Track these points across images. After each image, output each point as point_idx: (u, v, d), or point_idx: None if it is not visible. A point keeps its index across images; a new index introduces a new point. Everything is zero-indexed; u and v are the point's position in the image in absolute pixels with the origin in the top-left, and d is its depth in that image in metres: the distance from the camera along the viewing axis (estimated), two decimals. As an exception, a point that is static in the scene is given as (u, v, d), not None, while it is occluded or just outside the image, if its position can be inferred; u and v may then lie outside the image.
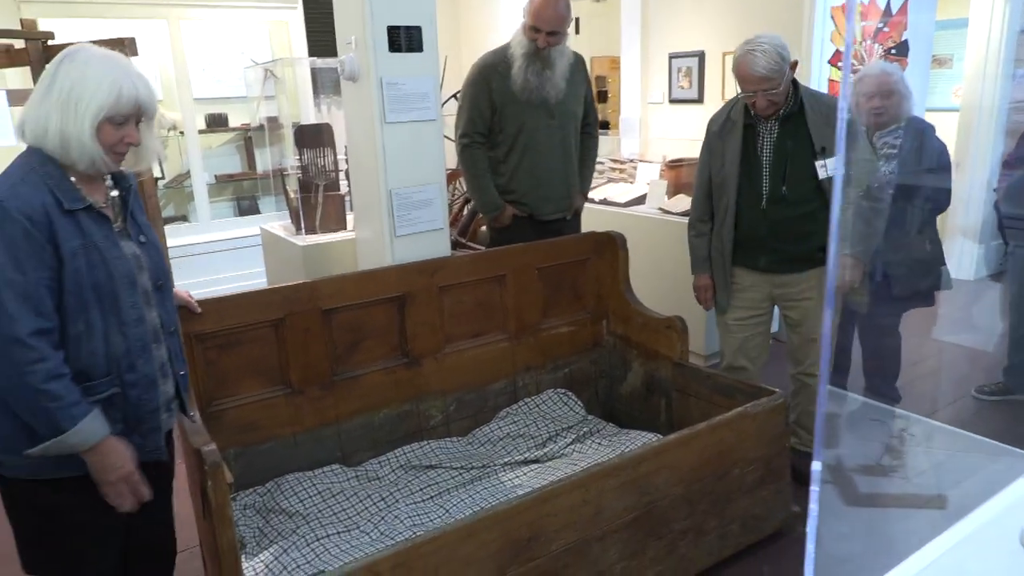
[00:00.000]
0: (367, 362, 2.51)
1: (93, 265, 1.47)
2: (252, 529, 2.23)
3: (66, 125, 1.44)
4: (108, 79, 1.46)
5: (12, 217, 1.38)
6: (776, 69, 2.28)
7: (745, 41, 2.34)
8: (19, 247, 1.38)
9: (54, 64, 1.49)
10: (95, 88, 1.45)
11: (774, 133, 2.44)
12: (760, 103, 2.35)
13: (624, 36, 5.05)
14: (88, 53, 1.49)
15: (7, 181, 1.45)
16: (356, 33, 2.45)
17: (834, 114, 2.35)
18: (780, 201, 2.44)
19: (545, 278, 2.84)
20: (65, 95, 1.45)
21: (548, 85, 2.87)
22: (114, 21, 4.96)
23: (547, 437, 2.71)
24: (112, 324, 1.51)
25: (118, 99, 1.46)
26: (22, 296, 1.38)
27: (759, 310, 2.62)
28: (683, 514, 2.12)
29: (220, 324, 2.23)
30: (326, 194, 3.20)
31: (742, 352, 2.66)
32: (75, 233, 1.45)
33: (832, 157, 2.37)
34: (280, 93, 4.36)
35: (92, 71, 1.46)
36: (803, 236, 2.45)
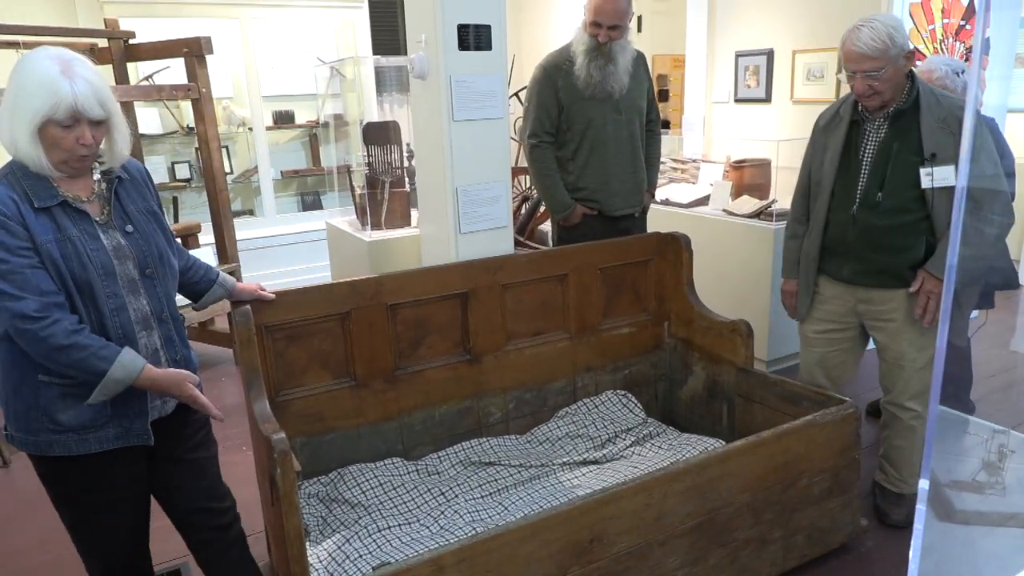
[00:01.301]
0: (429, 357, 2.53)
1: (67, 257, 1.54)
2: (316, 518, 2.28)
3: (11, 128, 1.50)
4: (45, 84, 1.47)
5: None
6: (880, 48, 2.08)
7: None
8: (2, 240, 1.47)
9: (15, 64, 1.54)
10: (32, 94, 1.48)
11: (881, 132, 2.24)
12: (859, 87, 2.16)
13: (689, 33, 4.97)
14: (36, 58, 1.51)
15: None
16: (426, 32, 2.48)
17: (955, 120, 2.14)
18: (874, 207, 2.25)
19: (607, 278, 2.82)
20: (11, 100, 1.50)
21: (611, 79, 2.87)
22: (190, 20, 5.14)
23: (606, 438, 2.69)
24: (92, 313, 1.58)
25: (54, 105, 1.47)
26: (19, 280, 1.48)
27: (841, 325, 2.46)
28: (747, 523, 2.07)
29: (288, 316, 2.28)
30: (392, 190, 3.25)
31: (820, 367, 2.53)
32: (48, 228, 1.53)
33: (943, 166, 2.14)
34: (348, 91, 4.44)
35: (32, 76, 1.48)
36: (894, 249, 2.26)
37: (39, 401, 1.59)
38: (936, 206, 2.18)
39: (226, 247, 4.02)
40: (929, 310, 2.24)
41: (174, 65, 5.12)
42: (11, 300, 1.47)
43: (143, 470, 1.75)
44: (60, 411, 1.59)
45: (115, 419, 1.63)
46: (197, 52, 3.69)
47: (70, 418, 1.59)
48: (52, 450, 1.61)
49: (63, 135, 1.51)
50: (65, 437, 1.60)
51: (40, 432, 1.60)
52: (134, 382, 1.58)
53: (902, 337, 2.33)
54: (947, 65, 2.74)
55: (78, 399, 1.58)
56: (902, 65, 2.14)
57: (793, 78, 4.32)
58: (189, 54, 3.73)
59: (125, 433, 1.65)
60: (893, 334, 2.35)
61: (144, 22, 4.77)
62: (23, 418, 1.61)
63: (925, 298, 2.24)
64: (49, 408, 1.59)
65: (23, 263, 1.48)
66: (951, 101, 2.20)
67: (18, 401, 1.60)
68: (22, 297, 1.47)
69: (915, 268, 2.25)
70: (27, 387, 1.59)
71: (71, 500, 1.70)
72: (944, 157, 2.14)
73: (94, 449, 1.62)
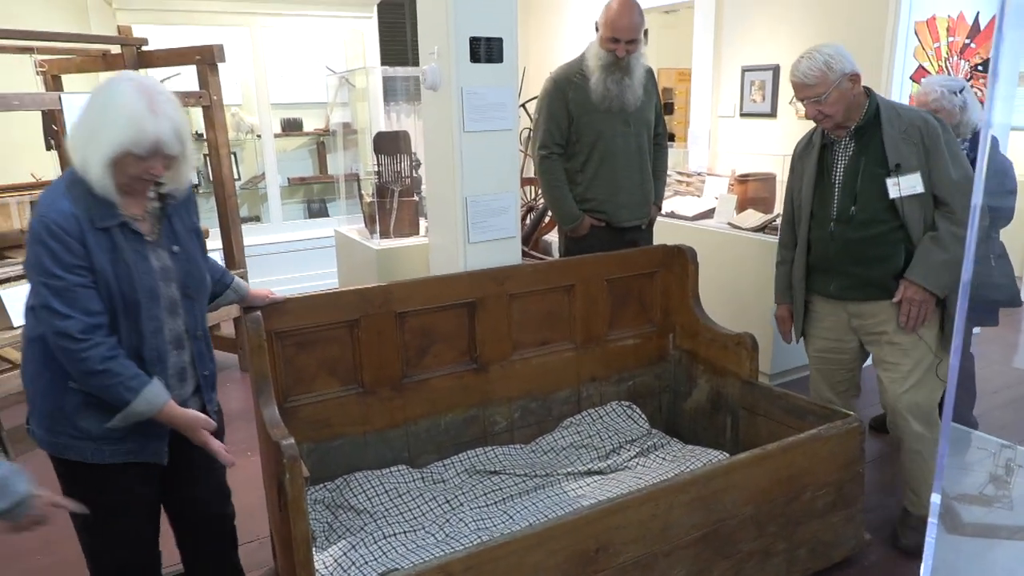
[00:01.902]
0: (436, 366, 2.55)
1: (120, 278, 1.58)
2: (322, 524, 2.29)
3: (87, 154, 1.52)
4: (131, 120, 1.49)
5: (51, 230, 1.50)
6: (817, 76, 2.19)
7: None
8: (59, 255, 1.50)
9: (98, 86, 1.57)
10: (113, 124, 1.50)
11: (849, 151, 2.33)
12: (809, 112, 2.29)
13: (696, 48, 5.01)
14: (123, 89, 1.53)
15: (51, 195, 1.56)
16: (439, 43, 2.51)
17: (915, 130, 2.23)
18: (849, 221, 2.31)
19: (613, 289, 2.84)
20: (92, 127, 1.52)
21: (628, 93, 2.92)
22: (201, 28, 5.19)
23: (610, 449, 2.70)
24: (134, 332, 1.62)
25: (136, 138, 1.50)
26: (69, 298, 1.51)
27: (840, 341, 2.47)
28: (751, 535, 2.08)
29: (298, 323, 2.30)
30: (401, 199, 3.28)
31: (828, 386, 2.54)
32: (106, 248, 1.56)
33: (908, 175, 2.22)
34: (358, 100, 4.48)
35: (118, 108, 1.50)
36: (873, 260, 2.31)
37: (64, 405, 1.62)
38: (908, 214, 2.24)
39: (234, 253, 4.04)
40: (911, 317, 2.27)
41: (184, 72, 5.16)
42: (58, 318, 1.50)
43: (155, 482, 1.78)
44: (82, 418, 1.62)
45: (133, 434, 1.66)
46: (209, 60, 3.73)
47: (91, 425, 1.62)
48: (68, 454, 1.64)
49: (135, 164, 1.54)
50: (82, 443, 1.63)
51: (60, 434, 1.63)
52: (154, 415, 1.62)
53: (895, 348, 2.35)
54: (942, 85, 2.77)
55: (100, 409, 1.61)
56: (847, 88, 2.23)
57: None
58: (201, 62, 3.77)
59: (140, 449, 1.69)
60: (886, 346, 2.36)
61: (155, 29, 4.80)
62: (47, 418, 1.64)
63: (907, 306, 2.27)
64: (72, 413, 1.62)
65: (75, 281, 1.51)
66: (912, 113, 2.30)
67: (44, 401, 1.64)
68: (69, 316, 1.50)
69: (899, 278, 2.29)
70: (55, 390, 1.62)
71: (83, 503, 1.72)
72: (908, 166, 2.22)
73: (107, 460, 1.65)
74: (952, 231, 2.21)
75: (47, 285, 1.50)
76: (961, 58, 4.18)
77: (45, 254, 1.50)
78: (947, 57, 4.11)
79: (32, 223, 1.53)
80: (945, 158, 2.21)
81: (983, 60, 4.26)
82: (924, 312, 2.26)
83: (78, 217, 1.53)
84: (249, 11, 5.28)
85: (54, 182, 1.61)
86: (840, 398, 2.53)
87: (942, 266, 2.22)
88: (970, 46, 4.20)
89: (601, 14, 2.89)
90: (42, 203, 1.55)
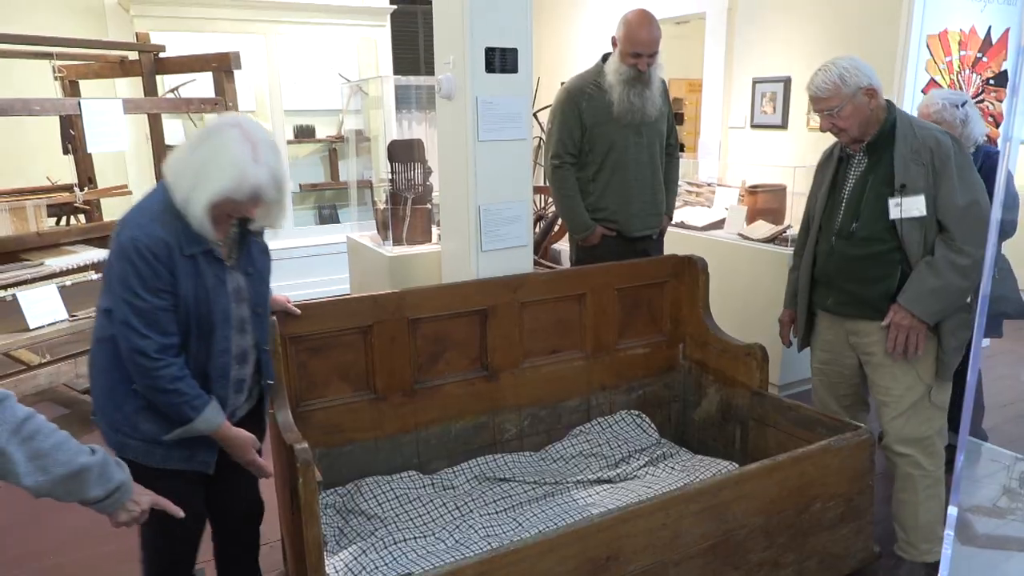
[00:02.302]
0: (447, 372, 2.57)
1: (199, 302, 1.66)
2: (333, 528, 2.31)
3: (191, 192, 1.59)
4: (236, 168, 1.57)
5: (142, 253, 1.57)
6: (830, 89, 2.17)
7: None
8: (146, 278, 1.58)
9: (207, 128, 1.64)
10: (221, 171, 1.57)
11: (861, 165, 2.29)
12: (824, 125, 2.27)
13: (707, 59, 5.04)
14: (233, 133, 1.60)
15: (142, 217, 1.62)
16: (455, 53, 2.54)
17: (927, 150, 2.16)
18: (849, 237, 2.28)
19: (624, 298, 2.85)
20: (199, 164, 1.59)
21: (649, 104, 2.96)
22: (217, 35, 5.25)
23: (620, 458, 2.71)
24: (203, 351, 1.70)
25: (238, 187, 1.58)
26: (150, 319, 1.59)
27: (839, 355, 2.44)
28: (761, 545, 2.09)
29: (312, 328, 2.32)
30: (414, 207, 3.30)
31: (832, 397, 2.51)
32: (190, 273, 1.64)
33: (912, 196, 2.14)
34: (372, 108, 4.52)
35: (227, 152, 1.58)
36: (867, 279, 2.27)
37: (125, 405, 1.69)
38: (906, 236, 2.18)
39: (246, 258, 4.07)
40: (899, 343, 2.21)
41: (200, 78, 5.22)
42: (136, 335, 1.58)
43: (202, 487, 1.86)
44: (142, 420, 1.69)
45: (185, 442, 1.73)
46: (226, 67, 3.78)
47: (148, 428, 1.70)
48: (125, 451, 1.71)
49: (232, 207, 1.63)
50: (137, 444, 1.71)
51: (119, 432, 1.71)
52: (210, 434, 1.72)
53: (885, 371, 2.29)
54: (944, 98, 2.77)
55: (159, 414, 1.69)
56: (863, 102, 2.19)
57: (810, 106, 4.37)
58: (218, 69, 3.81)
59: (189, 458, 1.76)
60: (876, 368, 2.32)
61: (173, 36, 4.87)
62: (110, 414, 1.72)
63: (895, 331, 2.21)
64: (133, 414, 1.69)
65: (157, 304, 1.59)
66: (926, 133, 2.21)
67: (109, 400, 1.71)
68: (147, 336, 1.59)
69: (893, 300, 2.22)
70: (119, 391, 1.70)
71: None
72: (913, 188, 2.16)
73: (156, 463, 1.72)
74: (949, 258, 2.14)
75: (129, 304, 1.58)
76: (973, 71, 4.19)
77: (132, 273, 1.57)
78: (959, 71, 4.11)
79: (122, 239, 1.59)
80: (952, 182, 2.14)
81: (995, 74, 4.27)
82: (913, 339, 2.19)
83: (169, 244, 1.60)
84: (265, 19, 5.34)
85: (144, 202, 1.67)
86: (847, 412, 2.49)
87: (931, 293, 2.15)
88: (982, 60, 4.21)
89: (620, 29, 2.91)
90: (132, 222, 1.62)
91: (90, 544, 2.64)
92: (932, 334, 2.23)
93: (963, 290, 2.16)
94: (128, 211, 1.69)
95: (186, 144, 1.66)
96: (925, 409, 2.28)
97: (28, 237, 3.59)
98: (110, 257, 1.63)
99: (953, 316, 2.21)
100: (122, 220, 1.66)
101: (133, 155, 5.24)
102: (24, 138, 5.03)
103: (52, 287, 3.23)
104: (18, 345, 3.13)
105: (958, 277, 2.13)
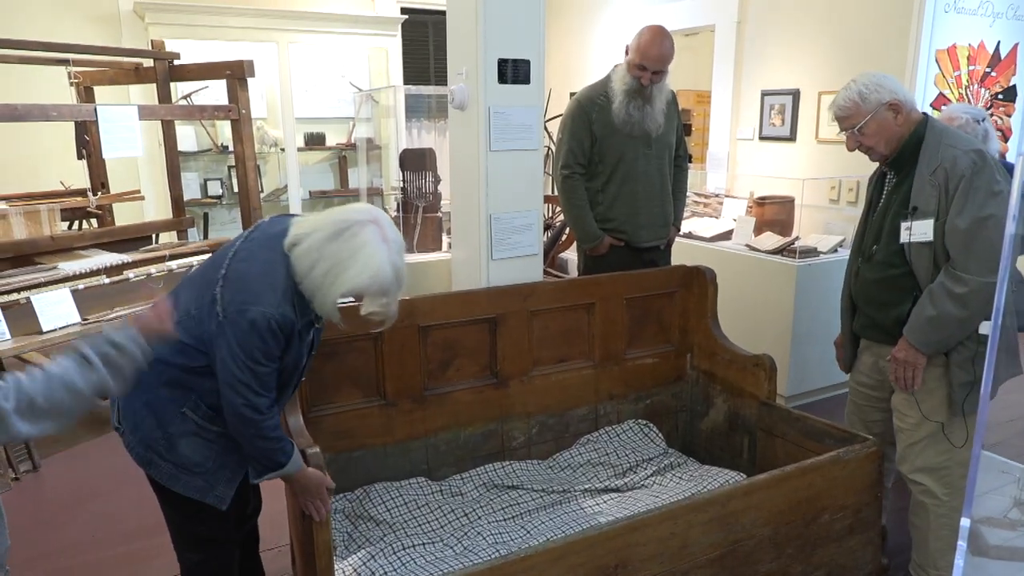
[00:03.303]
0: (457, 380, 2.58)
1: (296, 362, 1.79)
2: (342, 533, 2.32)
3: (325, 283, 1.65)
4: (373, 268, 1.63)
5: (273, 332, 1.65)
6: (849, 107, 2.14)
7: None
8: (272, 351, 1.67)
9: (346, 219, 1.67)
10: (359, 271, 1.63)
11: (891, 184, 2.23)
12: (849, 144, 2.22)
13: (716, 71, 5.06)
14: (372, 231, 1.65)
15: (273, 296, 1.65)
16: (467, 64, 2.57)
17: (942, 171, 2.04)
18: (869, 260, 2.25)
19: (632, 308, 2.86)
20: (338, 258, 1.64)
21: (648, 120, 2.97)
22: (231, 43, 5.30)
23: (627, 467, 2.72)
24: (280, 400, 1.80)
25: (371, 285, 1.65)
26: (266, 382, 1.70)
27: (871, 379, 2.37)
28: (769, 556, 2.09)
29: (324, 334, 2.33)
30: (424, 215, 3.33)
31: (861, 422, 2.46)
32: (297, 342, 1.74)
33: (923, 220, 2.07)
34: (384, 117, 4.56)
35: (366, 251, 1.63)
36: (879, 303, 2.23)
37: (171, 427, 1.73)
38: (915, 261, 2.11)
39: (256, 264, 4.10)
40: (899, 378, 2.17)
41: (212, 85, 5.27)
42: (253, 395, 1.67)
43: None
44: (184, 445, 1.74)
45: (208, 473, 1.78)
46: (239, 75, 3.82)
47: (187, 454, 1.74)
48: (149, 468, 1.76)
49: (356, 298, 1.73)
50: (166, 465, 1.75)
51: (150, 449, 1.75)
52: (291, 476, 1.80)
53: (902, 399, 2.25)
54: (967, 113, 2.77)
55: (202, 440, 1.75)
56: (887, 118, 2.12)
57: (819, 118, 4.39)
58: (231, 76, 3.85)
59: (208, 490, 1.79)
60: (897, 395, 2.27)
61: (186, 43, 4.92)
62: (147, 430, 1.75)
63: (894, 365, 2.17)
64: (177, 437, 1.73)
65: (273, 368, 1.70)
66: (947, 152, 2.06)
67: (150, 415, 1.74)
68: (262, 395, 1.68)
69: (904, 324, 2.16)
70: (168, 410, 1.74)
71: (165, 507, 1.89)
72: (925, 211, 2.07)
73: (176, 489, 1.76)
74: (946, 287, 2.02)
75: (253, 371, 1.64)
76: (981, 86, 4.20)
77: (260, 347, 1.64)
78: (967, 85, 4.13)
79: (253, 316, 1.62)
80: (959, 205, 2.01)
81: (1003, 88, 4.28)
82: (910, 374, 2.14)
83: (294, 323, 1.68)
84: (278, 28, 5.40)
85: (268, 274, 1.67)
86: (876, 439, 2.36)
87: (927, 323, 2.07)
88: (990, 74, 4.22)
89: (634, 38, 2.94)
90: (267, 301, 1.63)
91: (100, 547, 2.66)
92: (942, 367, 2.15)
93: (961, 320, 2.03)
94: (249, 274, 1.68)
95: (322, 230, 1.67)
96: (941, 440, 2.20)
97: (42, 241, 3.63)
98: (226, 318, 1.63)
99: (962, 348, 2.11)
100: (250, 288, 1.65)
101: (145, 161, 5.29)
102: (38, 143, 5.08)
103: (65, 291, 3.26)
104: (31, 347, 3.16)
105: (955, 306, 2.01)
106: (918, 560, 2.38)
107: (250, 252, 1.73)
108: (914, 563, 2.40)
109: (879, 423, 2.44)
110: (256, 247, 1.74)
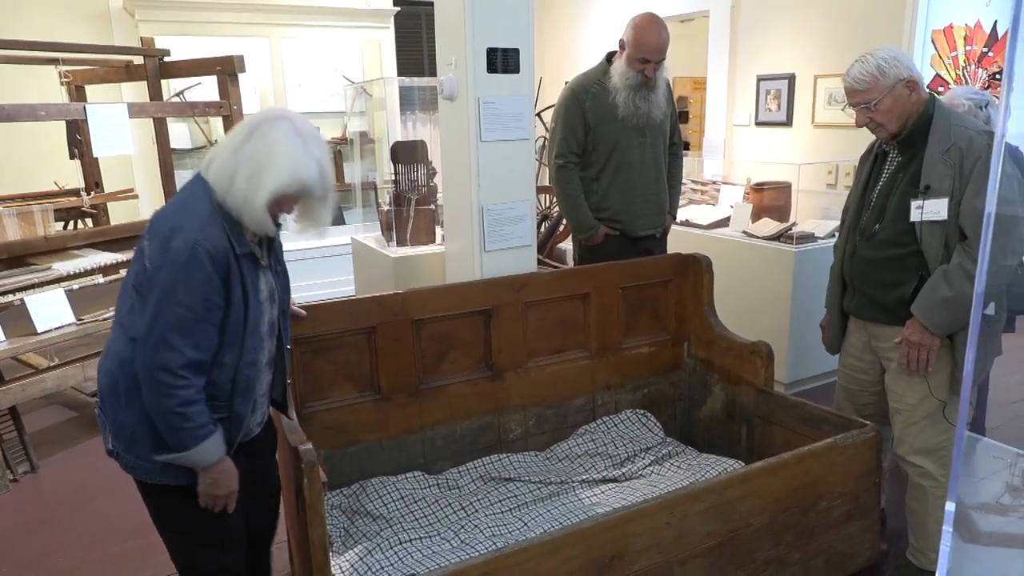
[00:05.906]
0: (452, 373, 2.57)
1: (248, 309, 1.59)
2: (338, 529, 2.31)
3: (248, 191, 1.52)
4: (291, 162, 1.51)
5: (199, 260, 1.48)
6: (868, 81, 2.07)
7: None
8: (199, 288, 1.48)
9: (255, 121, 1.56)
10: (279, 167, 1.51)
11: (895, 163, 2.19)
12: (859, 119, 2.17)
13: (711, 57, 5.02)
14: (284, 127, 1.54)
15: (195, 219, 1.51)
16: (456, 54, 2.54)
17: (956, 151, 2.03)
18: (871, 239, 2.21)
19: (628, 297, 2.85)
20: (252, 163, 1.52)
21: (654, 108, 2.96)
22: (222, 39, 5.27)
23: (625, 457, 2.71)
24: (230, 362, 1.61)
25: (292, 182, 1.53)
26: (188, 331, 1.49)
27: (862, 361, 2.37)
28: (767, 544, 2.08)
29: (316, 329, 2.33)
30: (418, 208, 3.31)
31: (852, 406, 2.46)
32: (239, 280, 1.56)
33: (936, 199, 2.04)
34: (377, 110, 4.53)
35: (281, 149, 1.51)
36: (883, 283, 2.20)
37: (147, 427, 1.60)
38: (925, 240, 2.09)
39: (252, 260, 4.08)
40: (911, 360, 2.14)
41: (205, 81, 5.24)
42: (165, 348, 1.47)
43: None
44: None
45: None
46: (230, 70, 3.79)
47: None
48: (134, 472, 1.65)
49: (280, 204, 1.58)
50: (148, 464, 1.63)
51: (132, 451, 1.63)
52: (198, 468, 1.62)
53: (900, 379, 2.23)
54: (969, 98, 2.72)
55: None
56: (902, 95, 2.08)
57: (814, 103, 4.36)
58: (222, 72, 3.83)
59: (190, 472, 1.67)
60: (893, 375, 2.26)
61: (176, 40, 4.89)
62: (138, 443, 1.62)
63: (906, 348, 2.15)
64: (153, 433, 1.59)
65: (204, 317, 1.50)
66: (960, 132, 2.07)
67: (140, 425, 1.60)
68: (176, 350, 1.48)
69: (910, 305, 2.14)
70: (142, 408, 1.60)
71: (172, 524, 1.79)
72: (938, 190, 2.05)
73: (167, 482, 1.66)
74: (964, 267, 2.01)
75: (174, 314, 1.47)
76: (979, 67, 4.16)
77: (183, 282, 1.46)
78: (964, 66, 4.09)
79: (175, 245, 1.47)
80: (977, 185, 2.00)
81: (1001, 69, 4.24)
82: (924, 356, 2.12)
83: (228, 249, 1.52)
84: (269, 22, 5.36)
85: (188, 202, 1.56)
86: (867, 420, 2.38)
87: (943, 304, 2.05)
88: (988, 55, 4.18)
89: (628, 33, 2.90)
90: (185, 226, 1.49)
91: (99, 546, 2.66)
92: (947, 347, 2.14)
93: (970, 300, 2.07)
94: (166, 213, 1.57)
95: (231, 140, 1.56)
96: (940, 420, 2.20)
97: (35, 241, 3.61)
98: (152, 265, 1.49)
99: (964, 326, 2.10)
100: (166, 224, 1.52)
101: (139, 159, 5.27)
102: (31, 143, 5.06)
103: (60, 291, 3.25)
104: (26, 349, 3.15)
105: (972, 288, 1.97)
106: (916, 544, 2.37)
107: (168, 201, 1.64)
108: (912, 548, 2.39)
109: (870, 406, 2.43)
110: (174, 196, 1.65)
